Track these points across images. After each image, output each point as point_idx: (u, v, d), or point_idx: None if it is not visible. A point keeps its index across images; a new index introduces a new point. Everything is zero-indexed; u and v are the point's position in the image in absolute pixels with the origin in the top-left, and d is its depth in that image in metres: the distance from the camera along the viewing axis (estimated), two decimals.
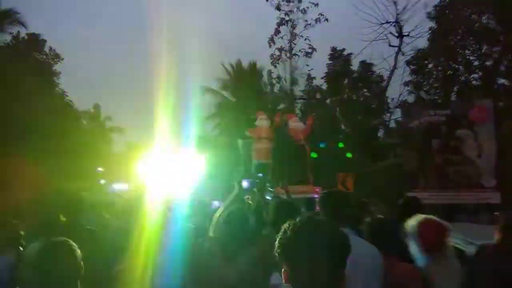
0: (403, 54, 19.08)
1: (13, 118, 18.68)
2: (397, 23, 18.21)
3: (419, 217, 3.00)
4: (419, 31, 18.81)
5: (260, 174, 11.67)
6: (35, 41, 22.17)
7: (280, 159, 11.16)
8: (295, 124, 11.96)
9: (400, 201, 4.46)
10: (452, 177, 13.31)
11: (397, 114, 20.01)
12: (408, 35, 18.40)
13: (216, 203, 7.95)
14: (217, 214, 3.58)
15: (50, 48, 23.07)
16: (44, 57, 22.86)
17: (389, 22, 18.00)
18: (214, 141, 27.99)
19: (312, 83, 25.08)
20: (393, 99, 19.52)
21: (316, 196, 10.74)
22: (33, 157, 18.10)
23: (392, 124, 20.71)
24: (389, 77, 19.00)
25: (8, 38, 20.82)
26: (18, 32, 21.62)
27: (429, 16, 20.71)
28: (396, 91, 20.28)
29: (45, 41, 22.68)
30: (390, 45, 18.63)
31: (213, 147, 26.92)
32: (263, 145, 11.70)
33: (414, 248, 2.91)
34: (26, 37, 21.78)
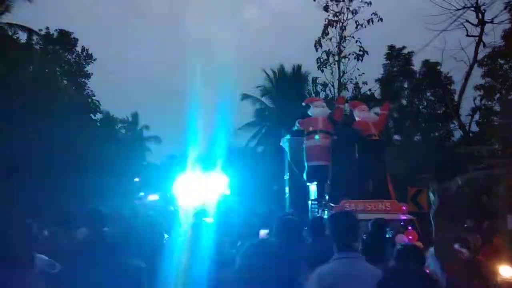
0: (484, 46, 14.73)
1: (46, 131, 15.78)
2: (477, 8, 13.97)
3: None
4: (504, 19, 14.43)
5: (315, 182, 7.76)
6: (67, 39, 19.74)
7: (345, 161, 7.20)
8: (364, 114, 8.04)
9: None
10: None
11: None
12: (492, 22, 14.08)
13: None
14: None
15: (83, 48, 20.60)
16: (76, 58, 20.37)
17: (467, 7, 13.81)
18: (250, 153, 24.70)
19: (360, 90, 21.03)
20: (475, 98, 15.06)
21: (403, 217, 6.69)
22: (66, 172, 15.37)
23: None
24: (468, 73, 14.64)
25: (35, 37, 18.25)
26: (48, 29, 19.24)
27: (509, 6, 16.19)
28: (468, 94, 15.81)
29: (76, 40, 20.22)
30: (468, 35, 14.39)
31: (248, 159, 23.69)
32: (319, 142, 7.83)
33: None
34: (55, 34, 19.31)
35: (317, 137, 7.78)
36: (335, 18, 22.29)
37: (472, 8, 13.78)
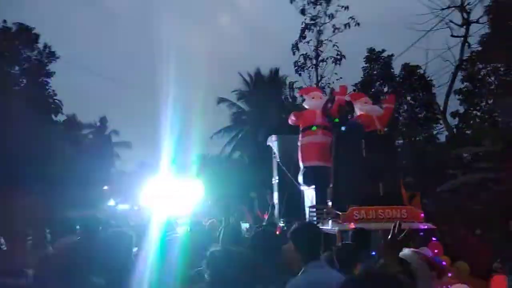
0: (469, 46, 14.05)
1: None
2: (462, 8, 13.28)
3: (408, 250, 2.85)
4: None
5: (312, 186, 6.44)
6: (27, 35, 17.65)
7: (350, 161, 5.92)
8: (366, 106, 6.82)
9: None
10: None
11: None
12: (477, 22, 13.40)
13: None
14: None
15: (45, 45, 18.52)
16: (38, 55, 18.27)
17: (452, 7, 13.08)
18: (226, 159, 23.31)
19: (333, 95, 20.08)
20: (460, 101, 14.25)
21: (423, 226, 5.46)
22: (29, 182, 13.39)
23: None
24: (454, 74, 13.88)
25: None
26: (5, 22, 17.10)
27: (487, 10, 15.61)
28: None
29: (38, 35, 18.11)
30: (452, 36, 13.67)
31: (224, 165, 22.28)
32: (317, 139, 6.54)
33: None
34: (13, 28, 17.15)
35: (314, 128, 6.48)
36: (312, 22, 21.50)
37: (458, 8, 13.05)
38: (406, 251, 3.10)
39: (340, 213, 5.40)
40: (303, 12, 21.49)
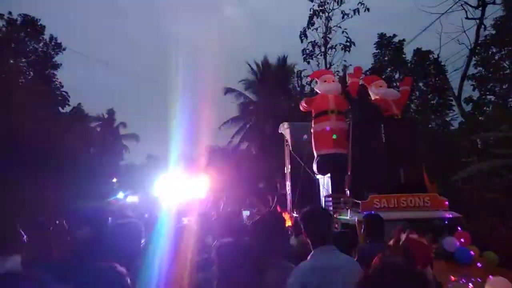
0: (485, 29, 13.48)
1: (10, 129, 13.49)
2: None
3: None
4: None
5: (328, 175, 6.11)
6: (32, 25, 17.40)
7: (368, 147, 5.57)
8: (382, 90, 6.42)
9: None
10: None
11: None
12: (493, 3, 12.81)
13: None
14: None
15: (51, 37, 18.26)
16: (44, 47, 18.04)
17: None
18: (234, 150, 23.03)
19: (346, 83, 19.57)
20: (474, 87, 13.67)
21: (448, 215, 5.12)
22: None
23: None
24: (469, 58, 13.34)
25: None
26: (10, 14, 16.86)
27: None
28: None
29: (44, 27, 17.88)
30: (467, 18, 13.10)
31: (232, 156, 22.00)
32: (332, 125, 6.17)
33: None
34: (19, 20, 16.90)
35: (329, 118, 6.12)
36: (320, 8, 20.91)
37: None
38: None
39: (359, 202, 5.08)
40: None
